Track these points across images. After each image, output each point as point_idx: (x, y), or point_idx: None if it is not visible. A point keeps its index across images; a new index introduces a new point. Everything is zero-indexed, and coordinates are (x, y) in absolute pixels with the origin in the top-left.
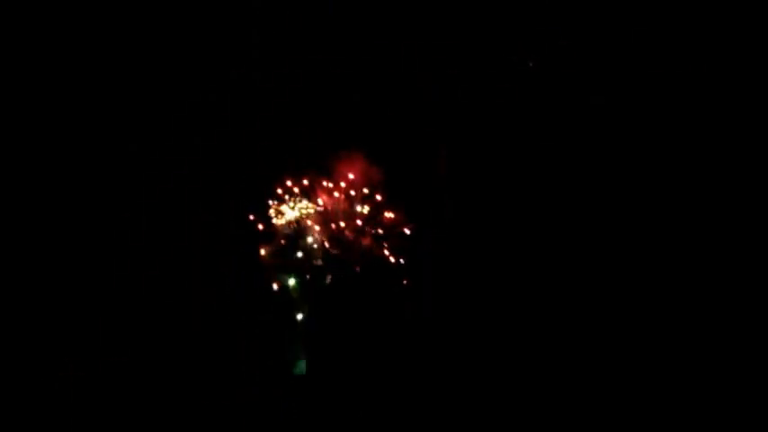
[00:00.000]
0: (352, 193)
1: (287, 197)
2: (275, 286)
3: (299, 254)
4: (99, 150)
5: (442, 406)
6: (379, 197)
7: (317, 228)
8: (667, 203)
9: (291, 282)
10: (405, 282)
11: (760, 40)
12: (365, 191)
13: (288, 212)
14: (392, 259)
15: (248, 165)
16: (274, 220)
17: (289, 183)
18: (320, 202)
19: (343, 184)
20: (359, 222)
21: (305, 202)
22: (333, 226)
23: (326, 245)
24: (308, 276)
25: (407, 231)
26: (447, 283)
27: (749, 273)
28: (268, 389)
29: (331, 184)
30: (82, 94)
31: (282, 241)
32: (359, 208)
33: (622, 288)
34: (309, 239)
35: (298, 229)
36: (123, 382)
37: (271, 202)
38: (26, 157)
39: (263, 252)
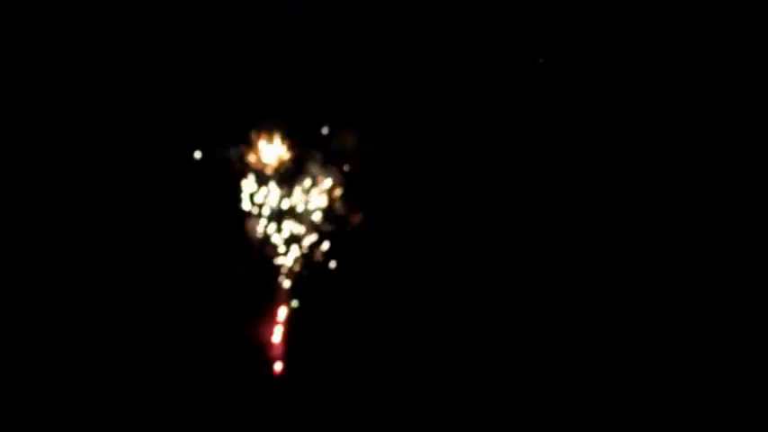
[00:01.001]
0: (352, 192)
1: (287, 198)
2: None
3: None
4: (99, 150)
5: (442, 406)
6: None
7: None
8: (668, 204)
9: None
10: (405, 282)
11: (760, 41)
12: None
13: (288, 211)
14: (392, 259)
15: (247, 165)
16: (274, 221)
17: (289, 184)
18: (320, 201)
19: (341, 186)
20: (358, 222)
21: (307, 202)
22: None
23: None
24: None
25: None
26: (447, 283)
27: (749, 273)
28: (265, 389)
29: (331, 184)
30: (82, 94)
31: (282, 240)
32: (358, 208)
33: (622, 288)
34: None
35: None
36: (123, 382)
37: (270, 204)
38: (26, 156)
39: (261, 252)
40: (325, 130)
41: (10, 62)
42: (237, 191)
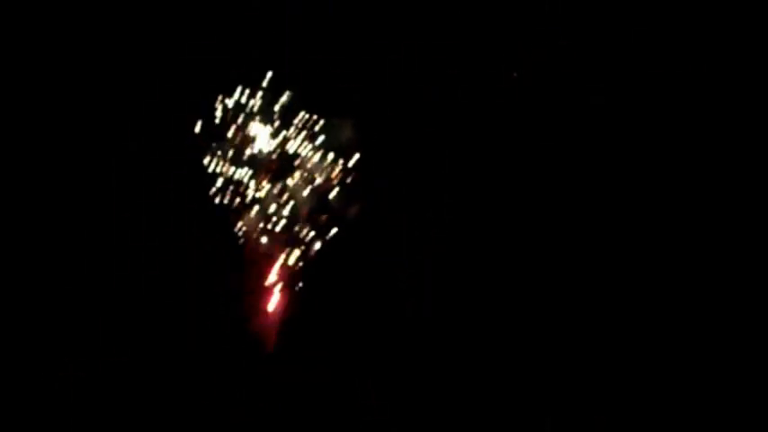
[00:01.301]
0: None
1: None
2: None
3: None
4: (99, 150)
5: (442, 405)
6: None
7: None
8: (668, 204)
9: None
10: (405, 281)
11: (760, 41)
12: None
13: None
14: (392, 258)
15: (247, 166)
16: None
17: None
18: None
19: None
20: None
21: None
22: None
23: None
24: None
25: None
26: (447, 283)
27: (749, 273)
28: (263, 388)
29: (328, 184)
30: (81, 94)
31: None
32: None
33: (623, 288)
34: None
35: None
36: (123, 382)
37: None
38: (26, 156)
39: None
40: (323, 125)
41: (10, 62)
42: (232, 184)
